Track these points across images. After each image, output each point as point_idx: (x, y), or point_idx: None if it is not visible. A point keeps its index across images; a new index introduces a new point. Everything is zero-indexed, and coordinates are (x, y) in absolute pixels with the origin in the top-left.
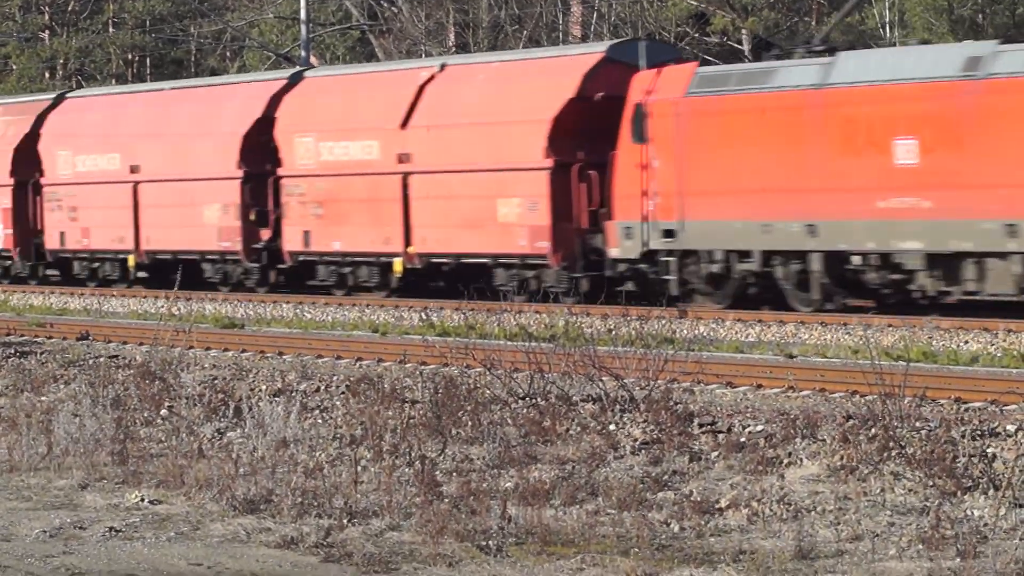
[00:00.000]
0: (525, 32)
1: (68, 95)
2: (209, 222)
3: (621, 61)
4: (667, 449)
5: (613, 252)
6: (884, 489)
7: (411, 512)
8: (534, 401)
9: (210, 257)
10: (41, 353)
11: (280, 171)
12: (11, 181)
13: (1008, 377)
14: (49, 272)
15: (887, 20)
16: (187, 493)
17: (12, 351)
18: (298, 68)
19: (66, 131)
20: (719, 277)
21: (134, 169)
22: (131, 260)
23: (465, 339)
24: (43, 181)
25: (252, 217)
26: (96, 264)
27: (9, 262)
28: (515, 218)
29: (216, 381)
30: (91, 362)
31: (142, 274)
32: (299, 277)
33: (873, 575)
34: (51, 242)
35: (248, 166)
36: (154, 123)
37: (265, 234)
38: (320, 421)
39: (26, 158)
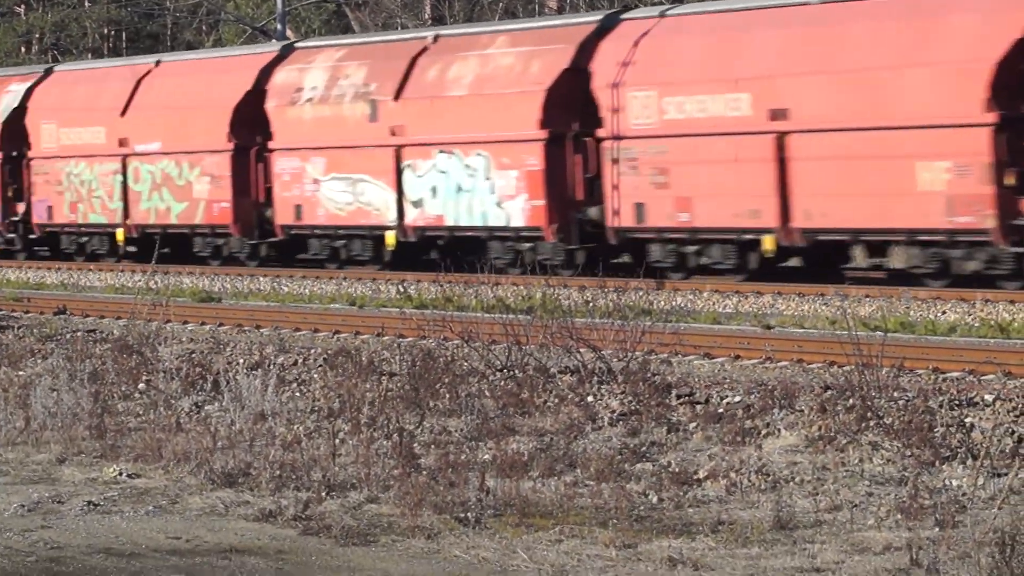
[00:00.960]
0: (501, 4)
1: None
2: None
3: None
4: (645, 420)
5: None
6: (862, 459)
7: (389, 485)
8: (512, 373)
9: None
10: (18, 328)
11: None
12: None
13: (985, 347)
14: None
15: None
16: (165, 467)
17: None
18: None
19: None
20: None
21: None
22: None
23: (443, 311)
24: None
25: None
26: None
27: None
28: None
29: (193, 355)
30: (68, 336)
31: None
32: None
33: (852, 545)
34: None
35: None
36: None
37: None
38: (298, 394)
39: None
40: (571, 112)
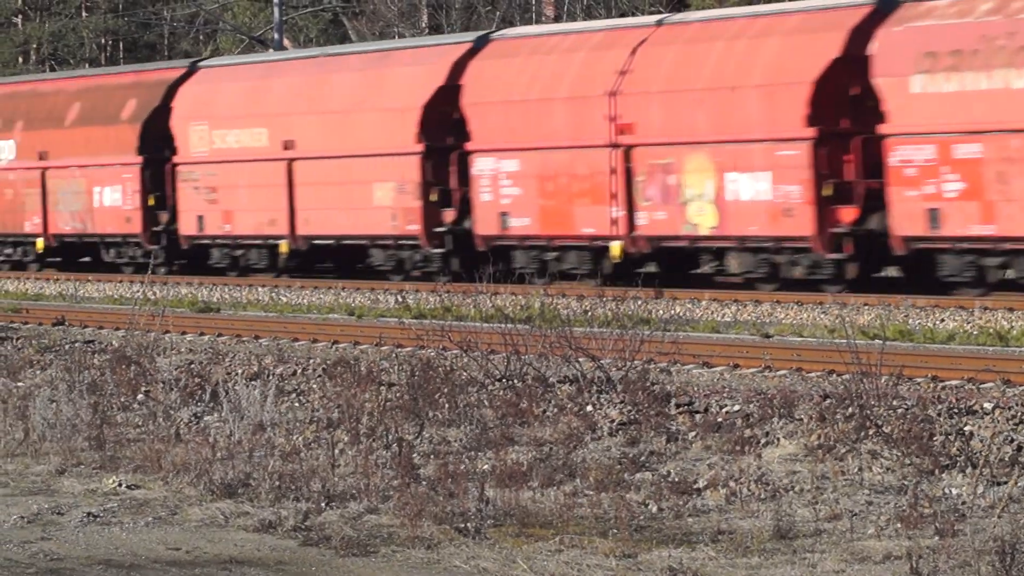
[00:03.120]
0: (498, 13)
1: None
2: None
3: None
4: (644, 430)
5: None
6: (862, 468)
7: (389, 495)
8: (511, 383)
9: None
10: (17, 339)
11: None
12: None
13: (984, 355)
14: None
15: None
16: (164, 478)
17: None
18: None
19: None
20: None
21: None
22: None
23: (441, 321)
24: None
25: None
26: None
27: None
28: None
29: (192, 365)
30: (67, 347)
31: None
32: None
33: (852, 554)
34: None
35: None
36: None
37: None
38: (297, 404)
39: None
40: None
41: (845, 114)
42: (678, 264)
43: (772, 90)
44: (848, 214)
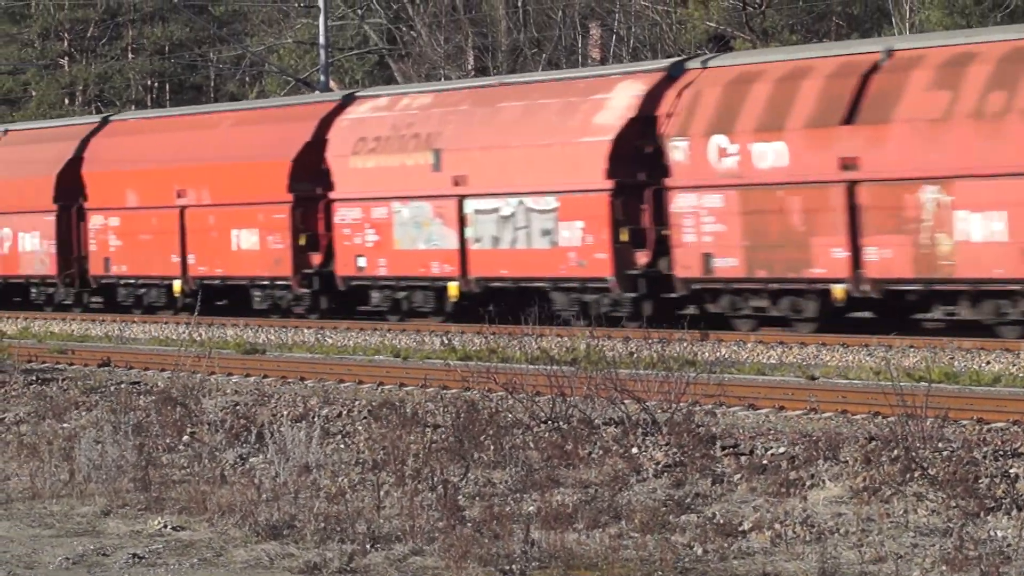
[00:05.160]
0: (544, 55)
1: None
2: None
3: None
4: (689, 472)
5: None
6: (907, 510)
7: (434, 537)
8: (556, 425)
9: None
10: (63, 380)
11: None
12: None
13: None
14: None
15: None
16: (210, 519)
17: (34, 378)
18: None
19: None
20: None
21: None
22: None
23: (487, 363)
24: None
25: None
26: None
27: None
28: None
29: (238, 407)
30: (112, 388)
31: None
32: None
33: None
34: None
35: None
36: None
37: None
38: (342, 446)
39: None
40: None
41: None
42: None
43: None
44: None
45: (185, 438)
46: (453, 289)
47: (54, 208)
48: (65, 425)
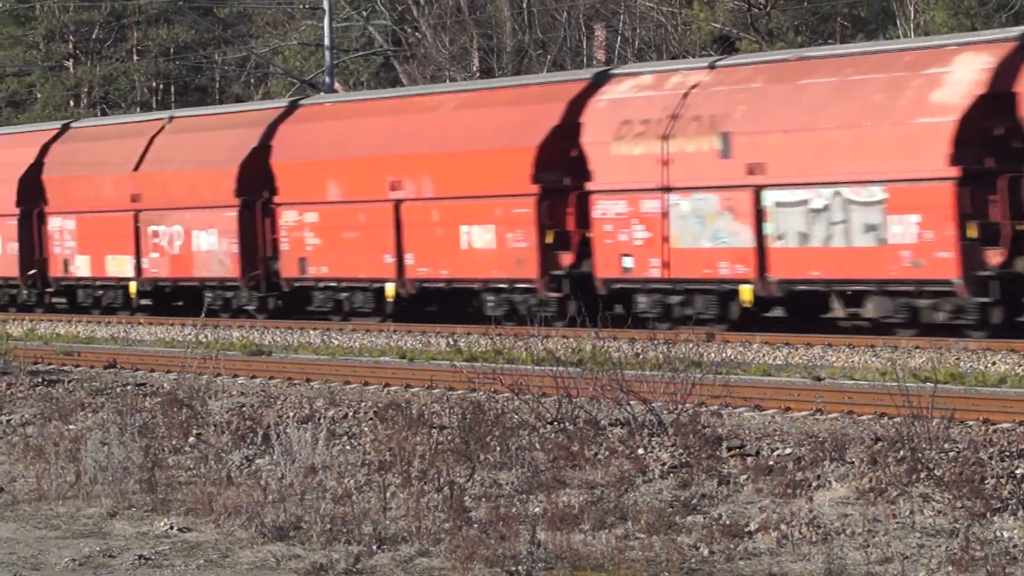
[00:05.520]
0: (549, 57)
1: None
2: None
3: None
4: (696, 473)
5: None
6: (913, 511)
7: (440, 538)
8: (562, 426)
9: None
10: (69, 382)
11: None
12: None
13: None
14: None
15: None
16: (216, 520)
17: (40, 380)
18: None
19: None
20: None
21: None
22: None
23: (493, 364)
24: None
25: None
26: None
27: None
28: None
29: (244, 408)
30: (118, 390)
31: None
32: None
33: None
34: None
35: None
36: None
37: None
38: (348, 447)
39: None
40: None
41: None
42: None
43: None
44: None
45: (191, 439)
46: (747, 293)
47: (236, 203)
48: (71, 427)
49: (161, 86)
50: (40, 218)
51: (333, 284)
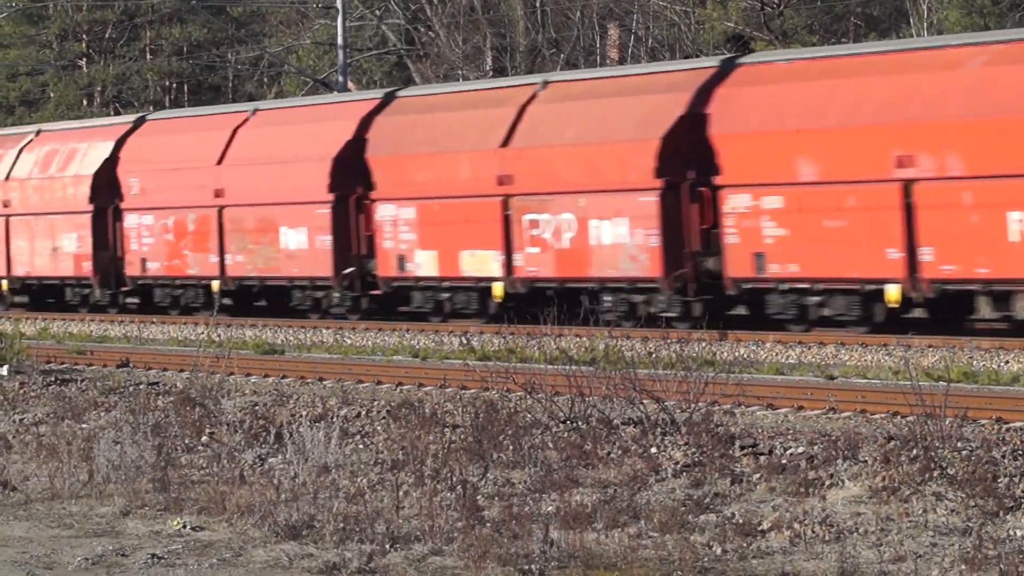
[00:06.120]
0: (563, 55)
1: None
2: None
3: None
4: (708, 472)
5: None
6: (926, 510)
7: (453, 537)
8: (575, 425)
9: None
10: (81, 381)
11: None
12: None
13: None
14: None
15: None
16: (229, 519)
17: (53, 379)
18: None
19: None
20: None
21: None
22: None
23: (506, 363)
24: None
25: None
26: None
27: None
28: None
29: (257, 407)
30: (131, 389)
31: None
32: None
33: None
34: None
35: None
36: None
37: None
38: (361, 446)
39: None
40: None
41: None
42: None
43: None
44: None
45: (204, 438)
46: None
47: (657, 184)
48: (84, 426)
49: (174, 85)
50: (359, 206)
51: (803, 286)
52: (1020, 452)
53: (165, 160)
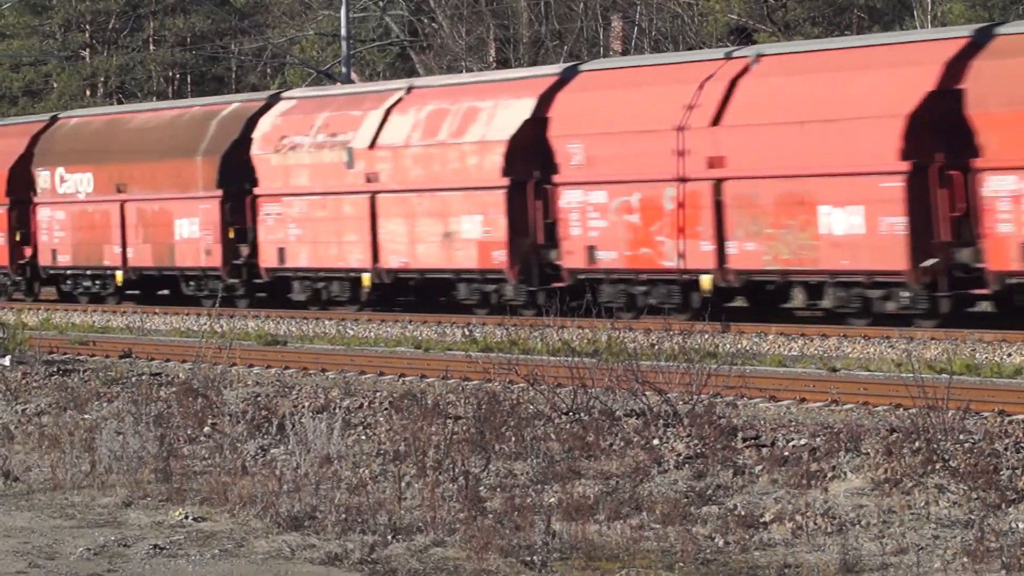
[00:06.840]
0: (566, 47)
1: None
2: None
3: None
4: (711, 463)
5: None
6: (928, 502)
7: (455, 528)
8: (577, 416)
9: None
10: (84, 371)
11: None
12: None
13: None
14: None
15: None
16: (231, 510)
17: (55, 369)
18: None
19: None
20: None
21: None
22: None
23: (508, 354)
24: None
25: None
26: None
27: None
28: None
29: (259, 398)
30: (134, 380)
31: None
32: None
33: None
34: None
35: None
36: None
37: None
38: (363, 437)
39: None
40: None
41: None
42: None
43: None
44: None
45: (206, 429)
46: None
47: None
48: (86, 416)
49: (177, 76)
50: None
51: None
52: (1022, 445)
53: (621, 121)
